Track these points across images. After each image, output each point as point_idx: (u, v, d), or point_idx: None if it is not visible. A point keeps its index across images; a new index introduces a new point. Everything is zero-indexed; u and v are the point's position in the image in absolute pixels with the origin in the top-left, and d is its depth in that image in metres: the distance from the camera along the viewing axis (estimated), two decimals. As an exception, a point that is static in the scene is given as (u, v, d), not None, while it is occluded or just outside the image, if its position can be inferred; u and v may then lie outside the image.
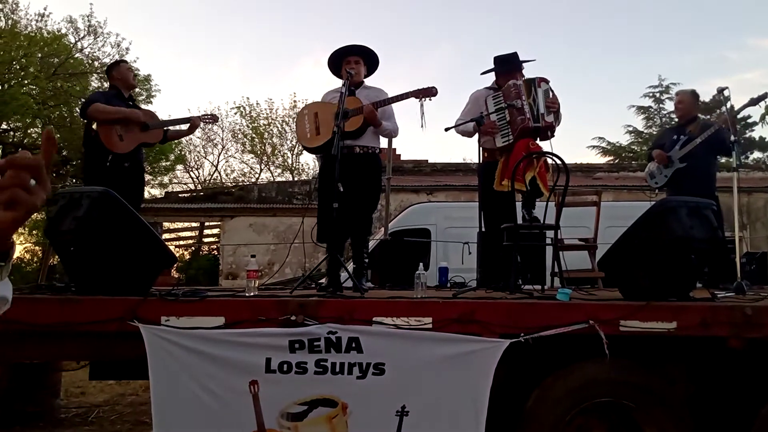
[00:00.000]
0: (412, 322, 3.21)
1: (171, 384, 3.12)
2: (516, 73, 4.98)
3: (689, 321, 3.20)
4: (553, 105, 4.76)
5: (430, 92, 4.42)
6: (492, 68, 5.12)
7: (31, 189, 0.94)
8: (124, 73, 5.57)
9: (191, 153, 27.40)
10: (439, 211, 8.56)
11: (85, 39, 18.22)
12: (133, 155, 5.24)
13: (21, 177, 0.93)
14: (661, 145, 6.01)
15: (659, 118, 28.31)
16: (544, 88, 4.77)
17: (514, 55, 5.04)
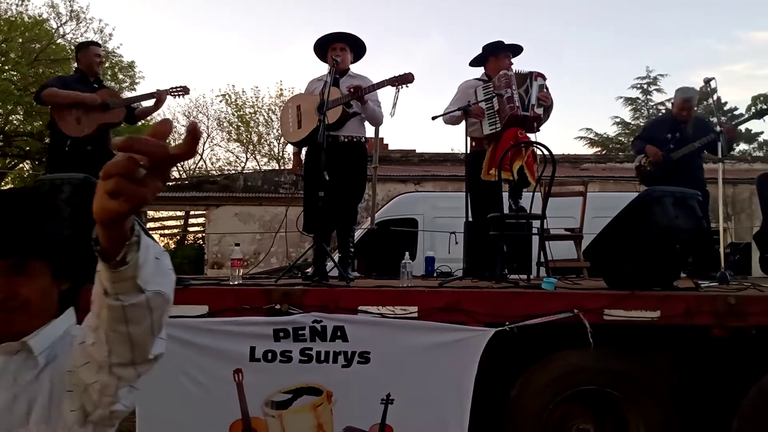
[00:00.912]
0: (398, 311, 3.21)
1: (154, 372, 3.09)
2: (503, 57, 4.98)
3: (673, 310, 3.22)
4: (545, 100, 4.77)
5: (407, 79, 4.39)
6: (479, 54, 5.12)
7: (139, 179, 0.86)
8: (90, 58, 5.42)
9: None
10: (426, 200, 8.55)
11: (67, 24, 18.07)
12: (96, 138, 5.08)
13: (127, 164, 0.85)
14: (653, 138, 5.89)
15: (646, 110, 28.49)
16: (539, 83, 4.79)
17: (500, 41, 5.07)
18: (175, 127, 19.19)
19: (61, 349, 1.35)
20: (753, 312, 3.23)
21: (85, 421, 1.29)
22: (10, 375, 1.33)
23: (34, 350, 1.33)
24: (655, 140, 5.82)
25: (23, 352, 1.34)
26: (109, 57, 18.97)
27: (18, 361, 1.33)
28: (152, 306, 1.05)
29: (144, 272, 1.00)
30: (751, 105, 10.32)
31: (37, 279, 1.36)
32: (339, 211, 4.50)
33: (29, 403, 1.29)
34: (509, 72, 4.79)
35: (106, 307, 1.04)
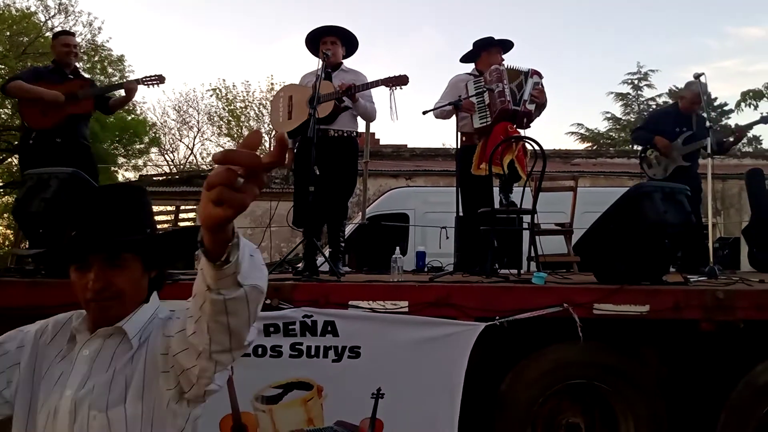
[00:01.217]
0: (388, 305, 3.21)
1: None
2: (495, 53, 4.99)
3: (662, 304, 3.24)
4: (538, 97, 4.78)
5: (402, 81, 4.37)
6: (470, 50, 5.12)
7: (239, 187, 0.96)
8: (58, 48, 5.32)
9: (166, 136, 27.10)
10: (417, 195, 8.56)
11: (55, 17, 17.96)
12: (65, 130, 5.00)
13: (227, 175, 0.94)
14: (660, 131, 5.83)
15: (637, 105, 28.59)
16: (535, 80, 4.81)
17: (490, 37, 5.08)
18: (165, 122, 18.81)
19: (151, 332, 1.51)
20: (741, 306, 3.25)
21: (180, 398, 1.45)
22: (108, 356, 1.49)
23: (129, 334, 1.49)
24: (662, 133, 5.78)
25: (117, 335, 1.50)
26: (98, 51, 18.87)
27: (113, 344, 1.50)
28: (249, 299, 1.17)
29: (243, 269, 1.12)
30: (741, 101, 10.38)
31: (129, 271, 1.50)
32: (329, 206, 4.49)
33: (126, 381, 1.45)
34: (500, 67, 4.79)
35: (209, 301, 1.16)
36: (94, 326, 1.51)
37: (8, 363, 1.53)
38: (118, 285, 1.47)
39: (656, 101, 28.22)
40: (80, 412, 1.42)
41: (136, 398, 1.43)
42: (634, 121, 28.35)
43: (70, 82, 5.14)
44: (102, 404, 1.42)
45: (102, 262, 1.45)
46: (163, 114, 27.58)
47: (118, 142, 19.89)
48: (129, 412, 1.42)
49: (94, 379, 1.45)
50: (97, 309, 1.47)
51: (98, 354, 1.49)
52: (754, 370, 3.34)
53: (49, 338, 1.58)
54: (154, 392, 1.44)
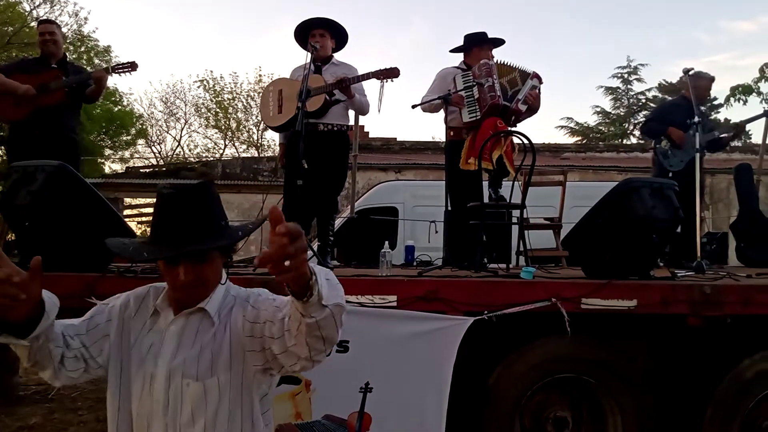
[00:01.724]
0: (377, 300, 3.20)
1: None
2: (487, 50, 4.98)
3: (649, 299, 3.25)
4: (533, 100, 4.77)
5: (393, 73, 4.36)
6: (461, 45, 5.11)
7: (293, 253, 1.25)
8: (38, 40, 5.30)
9: (153, 127, 26.93)
10: (407, 189, 8.54)
11: (40, 7, 17.81)
12: (45, 121, 4.96)
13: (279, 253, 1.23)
14: (672, 122, 5.76)
15: (627, 99, 28.72)
16: (533, 83, 4.80)
17: (482, 33, 5.06)
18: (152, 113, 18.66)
19: (230, 309, 1.75)
20: (728, 301, 3.27)
21: (265, 372, 1.71)
22: (192, 333, 1.73)
23: (210, 312, 1.73)
24: (674, 124, 5.73)
25: (199, 313, 1.73)
26: (84, 41, 18.70)
27: (196, 321, 1.74)
28: (335, 313, 1.43)
29: (324, 294, 1.39)
30: (730, 95, 10.40)
31: (214, 263, 1.73)
32: (319, 200, 4.48)
33: (213, 355, 1.69)
34: (490, 62, 4.78)
35: (304, 324, 1.43)
36: (178, 305, 1.75)
37: (99, 335, 1.76)
38: (206, 276, 1.70)
39: (646, 95, 28.35)
40: (174, 379, 1.68)
41: (225, 369, 1.69)
42: (623, 115, 28.48)
43: (46, 73, 5.06)
44: (193, 373, 1.68)
45: (191, 258, 1.66)
46: (150, 105, 27.44)
47: (104, 134, 19.75)
48: (221, 381, 1.68)
49: (183, 352, 1.70)
50: (185, 295, 1.71)
51: (184, 331, 1.73)
52: (741, 364, 3.37)
53: (133, 312, 1.80)
54: (241, 365, 1.69)
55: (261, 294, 1.79)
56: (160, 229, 1.70)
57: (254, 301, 1.75)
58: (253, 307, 1.72)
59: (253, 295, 1.79)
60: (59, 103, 5.06)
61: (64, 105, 5.09)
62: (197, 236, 1.65)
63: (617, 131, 27.91)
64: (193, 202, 1.69)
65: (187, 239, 1.64)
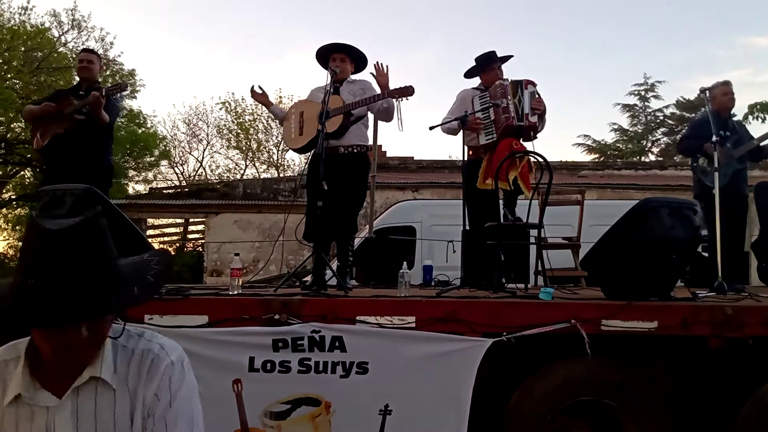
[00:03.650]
0: (396, 321, 3.22)
1: None
2: (494, 68, 5.04)
3: (670, 320, 3.23)
4: (538, 107, 4.81)
5: (407, 92, 4.41)
6: (473, 67, 5.16)
7: None
8: (77, 65, 5.50)
9: (176, 149, 27.25)
10: (424, 208, 8.54)
11: (68, 33, 18.18)
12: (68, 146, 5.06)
13: None
14: (705, 138, 5.46)
15: (644, 116, 28.54)
16: (530, 90, 4.83)
17: (491, 53, 5.11)
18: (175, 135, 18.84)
19: (128, 365, 1.44)
20: (750, 322, 3.24)
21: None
22: (90, 412, 1.39)
23: (107, 379, 1.41)
24: (707, 139, 5.41)
25: (91, 384, 1.40)
26: (110, 65, 19.04)
27: (89, 395, 1.40)
28: None
29: None
30: (748, 113, 10.32)
31: (106, 319, 1.41)
32: (339, 221, 4.51)
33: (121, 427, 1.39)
34: (505, 82, 4.83)
35: None
36: (53, 378, 1.38)
37: None
38: (98, 335, 1.39)
39: (663, 112, 28.17)
40: None
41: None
42: (641, 133, 28.29)
43: (66, 100, 5.18)
44: None
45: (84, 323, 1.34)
46: (173, 127, 27.67)
47: (128, 155, 20.03)
48: None
49: None
50: (73, 359, 1.37)
51: (78, 416, 1.38)
52: (764, 387, 3.32)
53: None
54: None
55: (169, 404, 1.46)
56: (38, 276, 1.25)
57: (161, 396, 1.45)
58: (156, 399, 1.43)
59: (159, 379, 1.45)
60: (73, 128, 5.13)
61: (90, 130, 5.15)
62: (88, 290, 1.28)
63: (635, 148, 27.72)
64: (82, 243, 1.31)
65: (75, 297, 1.26)
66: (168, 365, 1.46)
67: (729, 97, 5.69)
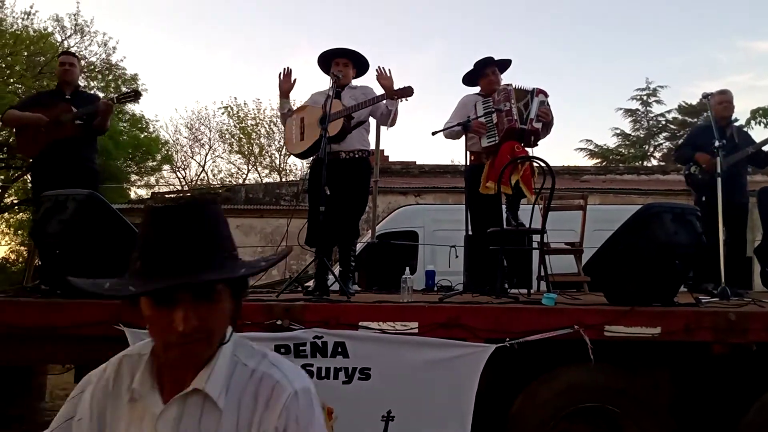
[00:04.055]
0: (398, 326, 3.21)
1: None
2: (489, 73, 5.06)
3: (673, 326, 3.22)
4: (545, 116, 4.80)
5: (407, 92, 4.42)
6: (468, 72, 5.18)
7: None
8: (57, 68, 5.44)
9: (178, 153, 27.31)
10: (426, 213, 8.55)
11: (71, 38, 18.25)
12: (59, 153, 5.03)
13: None
14: (701, 146, 5.66)
15: (646, 121, 28.53)
16: (540, 99, 4.84)
17: (487, 58, 5.12)
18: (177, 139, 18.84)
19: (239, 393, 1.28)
20: (754, 328, 3.23)
21: None
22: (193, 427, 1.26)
23: (213, 396, 1.26)
24: (704, 148, 5.60)
25: (196, 396, 1.27)
26: (112, 69, 19.10)
27: (196, 408, 1.27)
28: None
29: None
30: (750, 118, 10.33)
31: (222, 305, 1.26)
32: (341, 226, 4.51)
33: None
34: (508, 86, 4.83)
35: None
36: (170, 381, 1.29)
37: None
38: (211, 325, 1.24)
39: (666, 117, 28.17)
40: None
41: None
42: (643, 137, 28.29)
43: (58, 106, 5.14)
44: None
45: (191, 297, 1.21)
46: (176, 132, 27.82)
47: (131, 160, 20.07)
48: None
49: None
50: (182, 353, 1.23)
51: (181, 424, 1.26)
52: None
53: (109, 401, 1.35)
54: None
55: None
56: (149, 257, 1.21)
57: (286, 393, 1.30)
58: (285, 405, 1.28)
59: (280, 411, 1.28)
60: (73, 136, 5.12)
61: (79, 136, 5.14)
62: (202, 264, 1.20)
63: (637, 153, 27.71)
64: (198, 222, 1.24)
65: (189, 268, 1.19)
66: (291, 396, 1.29)
67: (724, 106, 5.75)
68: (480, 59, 5.12)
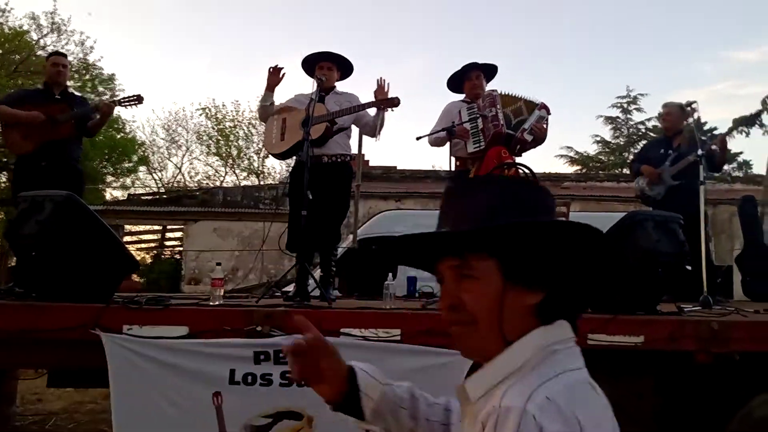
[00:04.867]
0: (381, 333, 3.17)
1: (132, 394, 3.04)
2: (473, 77, 5.02)
3: (656, 335, 3.21)
4: (539, 131, 4.77)
5: (393, 103, 4.40)
6: (452, 76, 5.14)
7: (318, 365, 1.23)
8: (49, 68, 5.40)
9: (155, 154, 26.98)
10: (407, 218, 8.53)
11: (48, 36, 17.98)
12: (52, 152, 5.00)
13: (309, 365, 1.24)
14: (647, 159, 5.88)
15: (626, 129, 28.80)
16: (541, 114, 4.80)
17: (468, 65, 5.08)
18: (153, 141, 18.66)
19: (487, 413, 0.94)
20: (736, 338, 3.23)
21: None
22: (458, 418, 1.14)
23: (469, 395, 1.05)
24: (650, 159, 5.79)
25: (472, 408, 1.05)
26: (89, 69, 18.85)
27: (473, 411, 1.03)
28: None
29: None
30: (733, 128, 10.46)
31: (480, 282, 1.03)
32: (322, 231, 4.46)
33: None
34: (494, 92, 4.80)
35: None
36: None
37: None
38: (468, 305, 1.03)
39: (645, 125, 28.45)
40: None
41: None
42: (623, 145, 28.55)
43: (53, 106, 5.11)
44: None
45: (451, 270, 1.07)
46: (152, 133, 27.33)
47: (107, 161, 19.80)
48: None
49: None
50: (454, 339, 1.09)
51: (466, 424, 1.08)
52: (751, 402, 3.30)
53: None
54: None
55: None
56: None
57: None
58: None
59: None
60: (70, 136, 5.12)
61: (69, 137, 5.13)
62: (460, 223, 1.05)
63: (617, 160, 27.94)
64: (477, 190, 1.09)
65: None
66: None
67: (663, 119, 6.01)
68: (465, 65, 5.08)
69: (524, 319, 1.03)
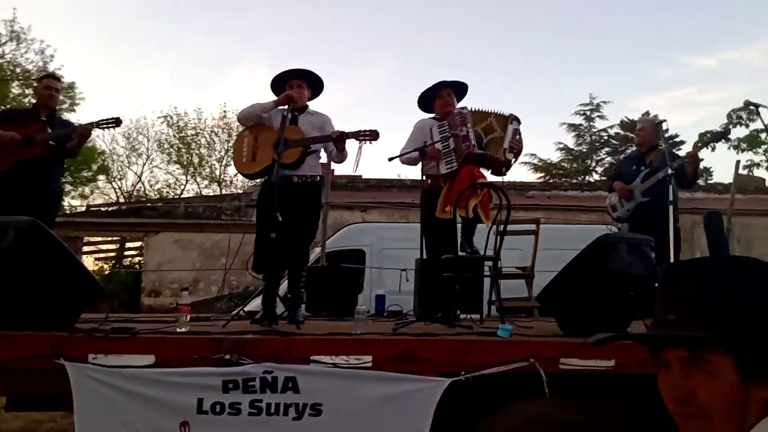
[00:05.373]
0: (352, 360, 3.12)
1: (98, 425, 2.98)
2: (444, 95, 4.98)
3: (627, 359, 3.21)
4: (518, 144, 4.78)
5: (372, 136, 4.38)
6: (424, 92, 5.08)
7: None
8: (40, 91, 5.41)
9: (114, 163, 26.43)
10: (374, 231, 8.51)
11: (6, 45, 17.53)
12: (29, 173, 4.94)
13: None
14: (621, 175, 5.92)
15: (589, 136, 29.24)
16: (514, 127, 4.79)
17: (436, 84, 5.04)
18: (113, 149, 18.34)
19: None
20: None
21: None
22: None
23: None
24: (623, 177, 5.84)
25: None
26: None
27: None
28: None
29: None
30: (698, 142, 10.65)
31: (716, 378, 1.01)
32: (290, 252, 4.39)
33: None
34: (464, 110, 4.78)
35: None
36: None
37: None
38: (702, 399, 1.02)
39: (608, 132, 28.94)
40: None
41: None
42: (586, 152, 29.00)
43: (32, 125, 5.06)
44: None
45: (679, 362, 1.05)
46: (112, 141, 26.75)
47: (66, 170, 19.36)
48: None
49: None
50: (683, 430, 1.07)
51: None
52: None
53: None
54: None
55: None
56: None
57: None
58: None
59: None
60: (43, 156, 5.04)
61: (48, 157, 5.09)
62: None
63: (580, 167, 28.36)
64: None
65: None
66: None
67: (637, 133, 6.07)
68: (433, 84, 5.03)
69: (759, 413, 1.01)
